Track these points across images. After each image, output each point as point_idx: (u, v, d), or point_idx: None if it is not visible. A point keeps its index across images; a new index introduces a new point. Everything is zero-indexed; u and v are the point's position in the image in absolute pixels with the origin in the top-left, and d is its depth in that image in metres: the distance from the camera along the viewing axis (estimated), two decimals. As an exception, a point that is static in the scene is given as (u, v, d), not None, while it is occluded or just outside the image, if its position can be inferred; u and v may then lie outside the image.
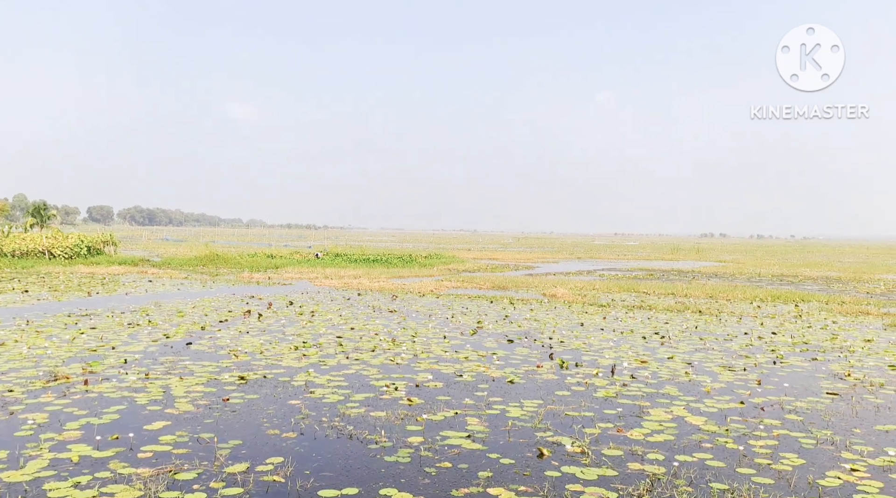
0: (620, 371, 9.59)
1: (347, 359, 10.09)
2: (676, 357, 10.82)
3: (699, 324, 15.00)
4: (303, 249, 49.00)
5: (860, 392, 8.64)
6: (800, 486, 5.34)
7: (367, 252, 45.60)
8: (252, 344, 11.22)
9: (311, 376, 8.85)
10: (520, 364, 10.00)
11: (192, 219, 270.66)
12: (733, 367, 10.12)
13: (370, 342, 11.61)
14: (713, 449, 6.24)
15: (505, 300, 19.24)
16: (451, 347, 11.30)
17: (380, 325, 13.82)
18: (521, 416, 7.20)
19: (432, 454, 5.91)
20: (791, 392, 8.56)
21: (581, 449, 6.11)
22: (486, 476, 5.43)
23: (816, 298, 21.50)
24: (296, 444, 6.17)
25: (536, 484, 5.28)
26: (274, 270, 29.41)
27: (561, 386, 8.64)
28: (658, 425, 6.96)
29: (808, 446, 6.35)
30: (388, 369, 9.44)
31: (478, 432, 6.56)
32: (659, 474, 5.53)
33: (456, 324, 14.23)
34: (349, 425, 6.71)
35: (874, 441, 6.55)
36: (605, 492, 5.14)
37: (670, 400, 8.05)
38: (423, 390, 8.25)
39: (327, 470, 5.53)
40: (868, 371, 9.98)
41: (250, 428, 6.63)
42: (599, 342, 12.16)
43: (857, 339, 13.17)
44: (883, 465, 5.85)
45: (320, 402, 7.60)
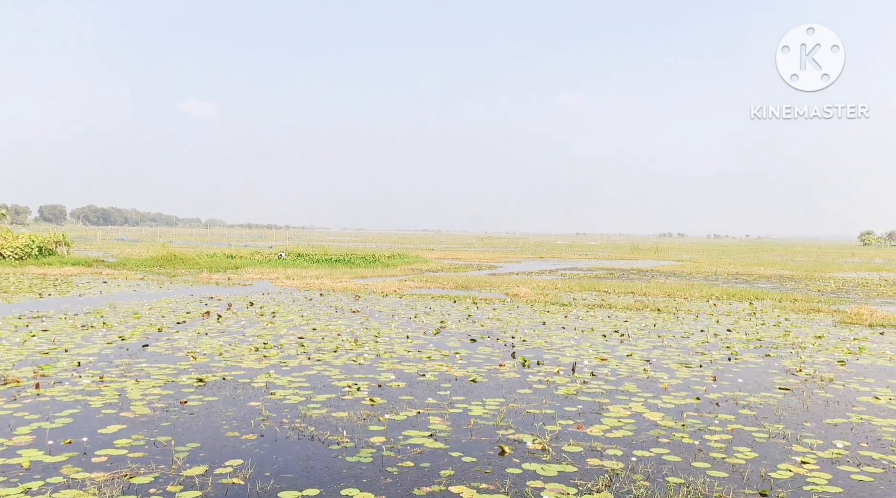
0: (581, 369, 9.72)
1: (309, 360, 10.01)
2: (635, 354, 11.00)
3: (657, 322, 15.28)
4: (263, 250, 48.42)
5: (811, 387, 8.90)
6: (752, 479, 5.49)
7: (330, 252, 45.29)
8: (211, 346, 11.05)
9: (272, 378, 8.75)
10: (482, 363, 10.05)
11: (149, 218, 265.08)
12: (690, 363, 10.34)
13: (332, 343, 11.54)
14: (670, 444, 6.36)
15: (468, 300, 19.31)
16: (414, 347, 11.30)
17: (342, 325, 13.74)
18: (484, 414, 7.24)
19: (394, 454, 5.91)
20: (745, 388, 8.78)
21: (542, 446, 6.17)
22: (448, 474, 5.45)
23: (770, 296, 22.08)
24: (256, 446, 6.10)
25: (498, 481, 5.32)
26: (234, 271, 28.99)
27: (523, 384, 8.71)
28: (617, 422, 7.07)
29: (761, 440, 6.53)
30: (350, 370, 9.40)
31: (440, 431, 6.58)
32: (617, 470, 5.63)
33: (419, 324, 14.22)
34: (310, 426, 6.67)
35: (823, 434, 6.76)
36: (564, 488, 5.21)
37: (629, 397, 8.18)
38: (385, 390, 8.24)
39: (288, 471, 5.48)
40: (818, 367, 10.29)
41: (209, 430, 6.53)
42: (561, 341, 12.29)
43: (808, 335, 13.57)
44: (831, 457, 6.05)
45: (281, 403, 7.53)
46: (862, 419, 7.33)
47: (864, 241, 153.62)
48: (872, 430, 6.95)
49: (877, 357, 11.21)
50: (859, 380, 9.37)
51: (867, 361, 10.89)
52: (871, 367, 10.38)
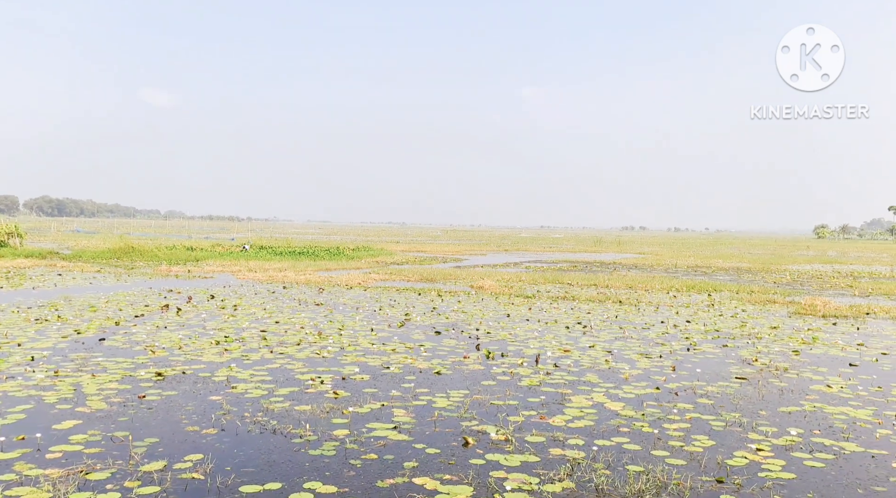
0: (544, 360, 9.81)
1: (272, 353, 9.91)
2: (597, 346, 11.14)
3: (619, 313, 15.50)
4: (225, 242, 47.70)
5: (766, 376, 9.14)
6: (710, 466, 5.62)
7: (293, 245, 44.83)
8: (170, 339, 10.86)
9: (233, 371, 8.64)
10: (447, 355, 10.07)
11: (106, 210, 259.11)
12: (650, 354, 10.52)
13: (295, 336, 11.44)
14: (630, 433, 6.47)
15: (433, 292, 19.32)
16: (379, 340, 11.27)
17: (306, 318, 13.63)
18: (448, 406, 7.26)
19: (358, 446, 5.89)
20: (703, 377, 8.97)
21: (505, 437, 6.22)
22: (412, 466, 5.45)
23: (728, 287, 22.57)
24: (216, 440, 6.02)
25: (461, 472, 5.34)
26: (194, 263, 28.51)
27: (487, 376, 8.76)
28: (579, 412, 7.16)
29: (718, 428, 6.68)
30: (313, 363, 9.33)
31: (404, 423, 6.58)
32: (579, 459, 5.70)
33: (384, 316, 14.19)
34: (273, 420, 6.60)
35: (778, 422, 6.95)
36: (527, 477, 5.26)
37: (591, 387, 8.29)
38: (349, 383, 8.20)
39: (249, 466, 5.42)
40: (774, 356, 10.56)
41: (168, 425, 6.42)
42: (525, 332, 12.38)
43: (764, 326, 13.91)
44: (785, 444, 6.22)
45: (242, 397, 7.44)
46: (815, 407, 7.55)
47: (819, 235, 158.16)
48: (825, 417, 7.17)
49: (829, 347, 11.55)
50: (812, 369, 9.64)
51: (820, 350, 11.21)
52: (824, 356, 10.69)
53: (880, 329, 13.84)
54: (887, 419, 7.10)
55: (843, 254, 57.61)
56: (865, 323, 14.75)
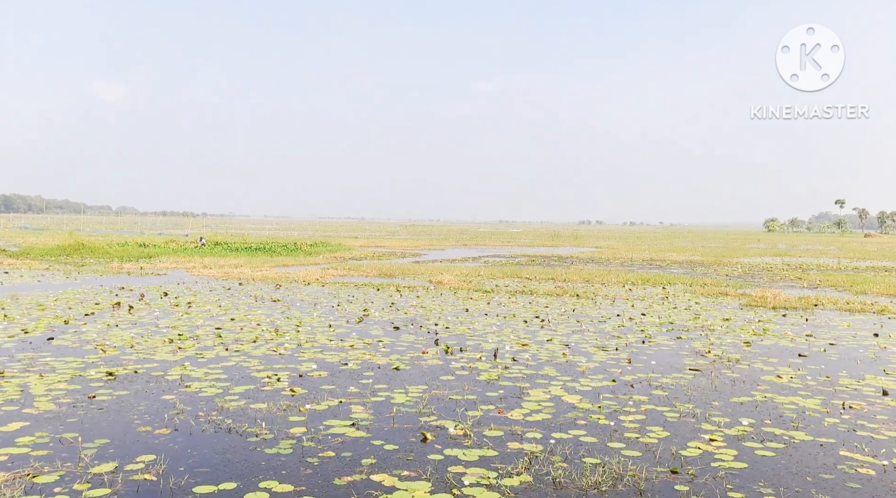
0: (503, 354, 9.85)
1: (227, 351, 9.73)
2: (555, 339, 11.25)
3: (576, 307, 15.68)
4: (179, 238, 46.73)
5: (719, 368, 9.34)
6: (664, 457, 5.71)
7: (250, 240, 44.17)
8: (122, 338, 10.58)
9: (187, 370, 8.46)
10: (405, 351, 10.04)
11: (55, 206, 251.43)
12: (607, 347, 10.66)
13: (251, 333, 11.26)
14: (587, 425, 6.54)
15: (392, 288, 19.25)
16: (337, 336, 11.17)
17: (262, 315, 13.42)
18: (406, 402, 7.23)
19: (315, 444, 5.82)
20: (658, 369, 9.13)
21: (463, 432, 6.22)
22: (370, 463, 5.41)
23: (681, 280, 23.03)
24: (169, 440, 5.88)
25: (419, 468, 5.33)
26: (147, 260, 27.84)
27: (446, 371, 8.75)
28: (537, 405, 7.21)
29: (672, 419, 6.80)
30: (270, 360, 9.19)
31: (362, 420, 6.53)
32: (536, 452, 5.74)
33: (342, 312, 14.07)
34: (228, 419, 6.48)
35: (730, 413, 7.11)
36: (485, 472, 5.27)
37: (549, 380, 8.36)
38: (306, 380, 8.11)
39: (204, 466, 5.31)
40: (726, 348, 10.81)
41: (119, 426, 6.25)
42: (483, 327, 12.42)
43: (716, 318, 14.23)
44: (737, 434, 6.36)
45: (197, 396, 7.29)
46: (766, 397, 7.75)
47: (769, 228, 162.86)
48: (775, 407, 7.36)
49: (779, 338, 11.87)
50: (763, 360, 9.90)
51: (771, 341, 11.52)
52: (775, 347, 10.99)
53: (828, 320, 14.29)
54: (835, 408, 7.33)
55: (792, 247, 59.39)
56: (814, 314, 15.22)
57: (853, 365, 9.63)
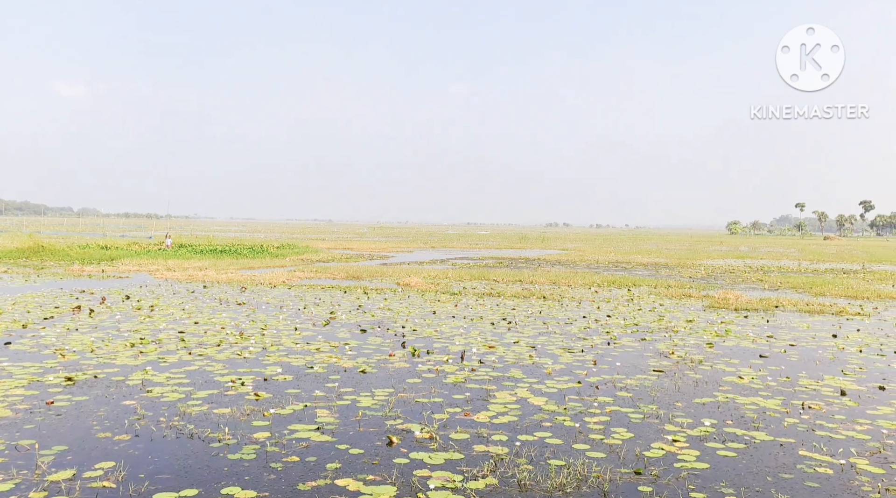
0: (469, 357, 9.86)
1: (190, 355, 9.56)
2: (522, 341, 11.30)
3: (543, 309, 15.77)
4: (142, 240, 45.92)
5: (682, 369, 9.48)
6: (628, 458, 5.77)
7: (215, 242, 43.58)
8: (82, 342, 10.33)
9: (149, 375, 8.29)
10: (372, 354, 9.99)
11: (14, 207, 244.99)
12: (572, 349, 10.74)
13: (215, 337, 11.09)
14: (552, 427, 6.58)
15: (359, 290, 19.15)
16: (303, 339, 11.06)
17: (227, 318, 13.23)
18: (372, 405, 7.19)
19: (279, 449, 5.75)
20: (622, 371, 9.23)
21: (430, 435, 6.20)
22: (335, 467, 5.37)
23: (646, 282, 23.34)
24: (130, 446, 5.76)
25: (385, 472, 5.30)
26: (109, 263, 27.28)
27: (412, 374, 8.73)
28: (503, 408, 7.23)
29: (636, 421, 6.87)
30: (234, 364, 9.07)
31: (327, 424, 6.47)
32: (502, 455, 5.75)
33: (308, 315, 13.95)
34: (190, 424, 6.37)
35: (693, 413, 7.22)
36: (451, 475, 5.26)
37: (515, 383, 8.39)
38: (271, 384, 8.01)
39: (165, 472, 5.20)
40: (689, 349, 10.98)
41: (78, 432, 6.10)
42: (450, 329, 12.42)
43: (680, 319, 14.44)
44: (700, 435, 6.46)
45: (158, 401, 7.15)
46: (727, 398, 7.88)
47: (732, 231, 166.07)
48: (737, 408, 7.49)
49: (741, 339, 12.09)
50: (725, 361, 10.07)
51: (733, 342, 11.72)
52: (736, 348, 11.19)
53: (788, 321, 14.60)
54: (794, 409, 7.49)
55: (754, 249, 60.62)
56: (774, 315, 15.54)
57: (812, 366, 9.86)
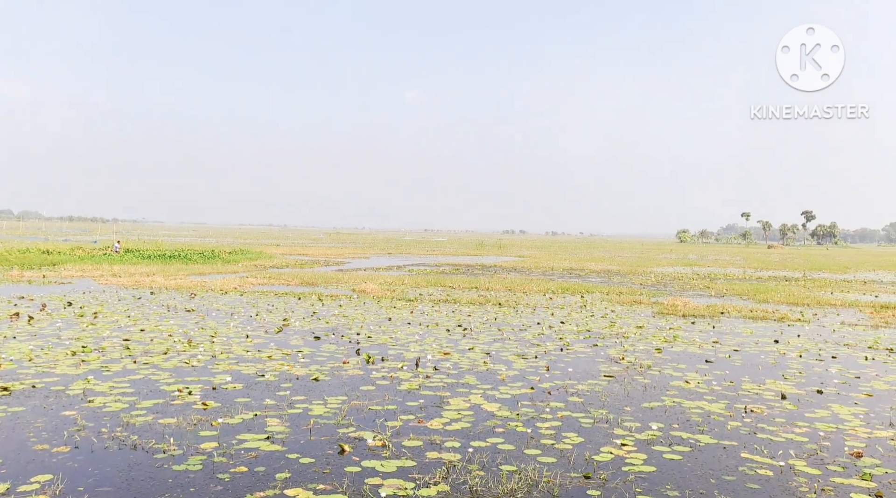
0: (424, 363, 9.84)
1: (135, 363, 9.30)
2: (477, 348, 11.33)
3: (498, 315, 15.86)
4: (87, 245, 44.56)
5: (632, 374, 9.64)
6: (578, 462, 5.83)
7: (164, 248, 42.61)
8: (20, 350, 9.95)
9: (91, 384, 8.03)
10: (326, 361, 9.88)
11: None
12: (526, 355, 10.82)
13: (162, 344, 10.81)
14: (505, 433, 6.61)
15: (314, 297, 18.94)
16: (254, 347, 10.88)
17: (174, 325, 12.92)
18: (325, 413, 7.11)
19: (227, 459, 5.63)
20: (574, 376, 9.34)
21: (382, 442, 6.16)
22: (285, 477, 5.28)
23: (599, 289, 23.70)
24: (69, 459, 5.56)
25: (336, 481, 5.23)
26: (50, 268, 26.37)
27: (366, 381, 8.66)
28: (457, 414, 7.23)
29: (587, 425, 6.96)
30: (181, 373, 8.85)
31: (278, 433, 6.37)
32: (455, 461, 5.74)
33: (260, 322, 13.73)
34: (133, 435, 6.18)
35: (641, 417, 7.34)
36: (403, 483, 5.23)
37: (469, 389, 8.40)
38: (220, 393, 7.84)
39: (105, 485, 5.04)
40: (639, 355, 11.17)
41: (13, 444, 5.86)
42: (406, 336, 12.38)
43: (630, 325, 14.70)
44: (647, 438, 6.57)
45: (100, 411, 6.92)
46: (674, 402, 8.04)
47: (681, 239, 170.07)
48: (683, 411, 7.65)
49: (688, 344, 12.37)
50: (673, 366, 10.28)
51: (680, 348, 11.98)
52: (684, 353, 11.44)
53: (733, 327, 15.01)
54: (737, 412, 7.68)
55: (701, 257, 62.17)
56: (720, 321, 15.95)
57: (755, 370, 10.14)
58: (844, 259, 64.88)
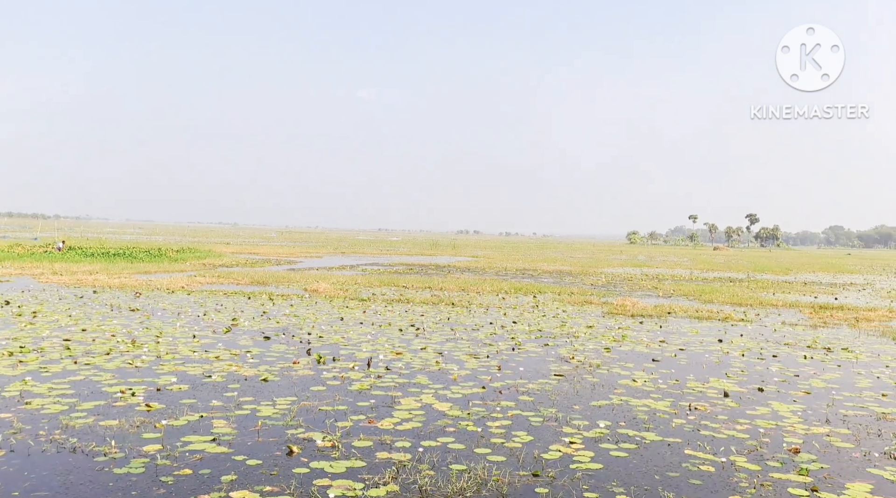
0: (376, 363, 9.79)
1: (76, 364, 9.01)
2: (429, 348, 11.33)
3: (451, 315, 15.90)
4: (26, 241, 43.00)
5: (581, 373, 9.78)
6: (527, 461, 5.89)
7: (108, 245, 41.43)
8: (-48, 351, 9.52)
9: (28, 385, 7.74)
10: (275, 361, 9.74)
11: None
12: (478, 354, 10.87)
13: (105, 345, 10.50)
14: (456, 432, 6.62)
15: (264, 296, 18.66)
16: (201, 347, 10.65)
17: (118, 325, 12.56)
18: (273, 414, 7.01)
19: (171, 462, 5.50)
20: (525, 375, 9.42)
21: (332, 443, 6.11)
22: (230, 479, 5.18)
23: (551, 289, 23.99)
24: (3, 462, 5.35)
25: (283, 483, 5.16)
26: (-12, 265, 25.32)
27: (317, 381, 8.57)
28: (408, 414, 7.22)
29: (536, 424, 7.03)
30: (125, 373, 8.61)
31: (224, 435, 6.25)
32: (405, 461, 5.73)
33: (208, 321, 13.45)
34: (73, 438, 5.99)
35: (589, 416, 7.45)
36: (352, 483, 5.19)
37: (421, 389, 8.40)
38: (164, 394, 7.65)
39: (42, 489, 4.86)
40: (588, 354, 11.35)
41: (-58, 450, 5.60)
42: (358, 336, 12.30)
43: (581, 325, 14.92)
44: (595, 436, 6.68)
45: (38, 413, 6.68)
46: (622, 400, 8.19)
47: (631, 240, 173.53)
48: (629, 409, 7.80)
49: (636, 344, 12.62)
50: (621, 365, 10.48)
51: (628, 347, 12.21)
52: (632, 353, 11.67)
53: (679, 327, 15.37)
54: (682, 410, 7.87)
55: (650, 258, 63.51)
56: (667, 321, 16.32)
57: (700, 369, 10.41)
58: (786, 261, 67.17)
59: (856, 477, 5.77)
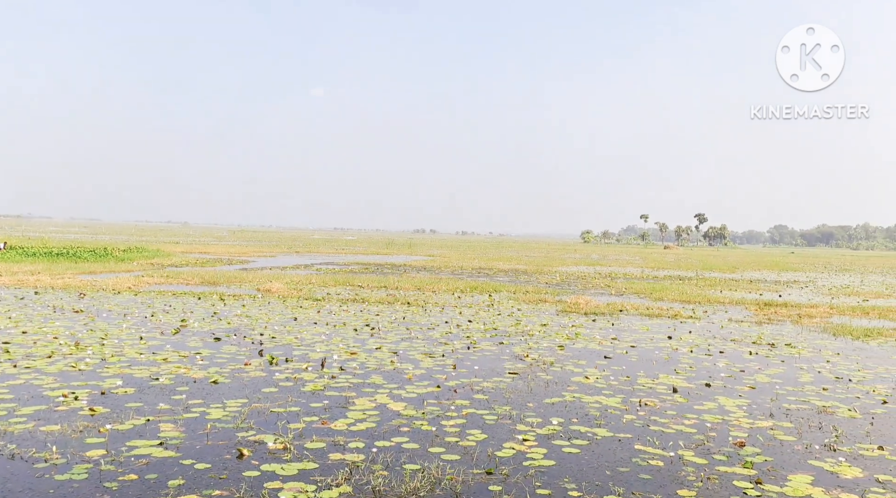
0: (330, 364, 9.69)
1: (15, 367, 8.67)
2: (384, 347, 11.27)
3: (407, 315, 15.86)
4: (-36, 240, 41.20)
5: (535, 370, 9.87)
6: (481, 459, 5.91)
7: (51, 244, 40.06)
8: None
9: (-37, 391, 7.41)
10: (226, 363, 9.55)
11: None
12: (434, 353, 10.87)
13: (46, 347, 10.14)
14: (410, 432, 6.60)
15: (215, 296, 18.29)
16: (148, 349, 10.38)
17: (61, 327, 12.14)
18: (223, 417, 6.87)
19: (115, 467, 5.33)
20: (480, 374, 9.46)
21: (283, 445, 6.01)
22: (178, 484, 5.05)
23: (506, 288, 24.15)
24: (-66, 473, 5.10)
25: (233, 486, 5.06)
26: (-79, 265, 24.20)
27: (269, 383, 8.44)
28: (362, 414, 7.16)
29: (491, 422, 7.06)
30: (67, 377, 8.32)
31: (172, 439, 6.09)
32: (358, 462, 5.68)
33: (156, 323, 13.11)
34: (11, 444, 5.76)
35: (543, 413, 7.52)
36: (304, 486, 5.12)
37: (375, 389, 8.35)
38: (109, 398, 7.43)
39: (-24, 500, 4.66)
40: (542, 352, 11.45)
41: None
42: (312, 336, 12.16)
43: (535, 323, 15.05)
44: (547, 433, 6.74)
45: (-27, 420, 6.40)
46: (574, 397, 8.29)
47: (585, 239, 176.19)
48: (582, 406, 7.90)
49: (589, 341, 12.79)
50: (574, 362, 10.61)
51: (581, 345, 12.37)
52: (585, 350, 11.82)
53: (630, 324, 15.65)
54: (632, 406, 8.01)
55: (603, 257, 64.54)
56: (619, 319, 16.59)
57: (650, 365, 10.61)
58: (733, 259, 69.09)
59: (797, 469, 5.96)
